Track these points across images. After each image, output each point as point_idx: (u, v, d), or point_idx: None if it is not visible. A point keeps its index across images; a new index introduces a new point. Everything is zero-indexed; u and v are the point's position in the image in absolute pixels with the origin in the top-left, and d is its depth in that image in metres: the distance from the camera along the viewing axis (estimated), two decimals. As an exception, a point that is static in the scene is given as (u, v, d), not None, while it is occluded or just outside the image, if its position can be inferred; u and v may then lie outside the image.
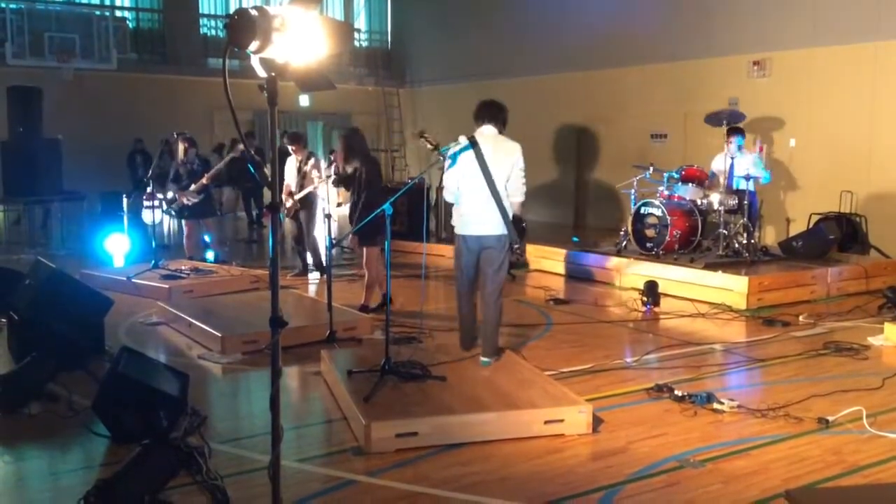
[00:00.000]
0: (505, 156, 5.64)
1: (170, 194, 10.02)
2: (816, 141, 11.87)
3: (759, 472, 4.13)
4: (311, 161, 9.60)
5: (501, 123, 5.74)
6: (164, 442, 4.05)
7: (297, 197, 9.54)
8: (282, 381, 3.00)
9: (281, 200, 9.33)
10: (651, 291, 8.20)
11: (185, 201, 9.93)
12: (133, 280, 8.82)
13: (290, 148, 9.58)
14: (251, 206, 15.23)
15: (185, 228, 10.63)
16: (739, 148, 9.85)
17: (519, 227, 5.67)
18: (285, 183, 9.73)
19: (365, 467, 4.18)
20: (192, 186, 9.86)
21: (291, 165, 9.65)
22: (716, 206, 9.35)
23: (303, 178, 9.50)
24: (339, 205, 10.77)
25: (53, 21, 15.64)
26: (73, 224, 13.41)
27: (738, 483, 4.00)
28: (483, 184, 5.52)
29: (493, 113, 5.69)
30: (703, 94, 13.05)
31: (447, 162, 5.69)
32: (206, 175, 9.87)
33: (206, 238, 10.46)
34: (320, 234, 9.55)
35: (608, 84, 15.08)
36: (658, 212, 9.35)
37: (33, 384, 5.09)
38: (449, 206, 12.49)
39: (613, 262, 9.67)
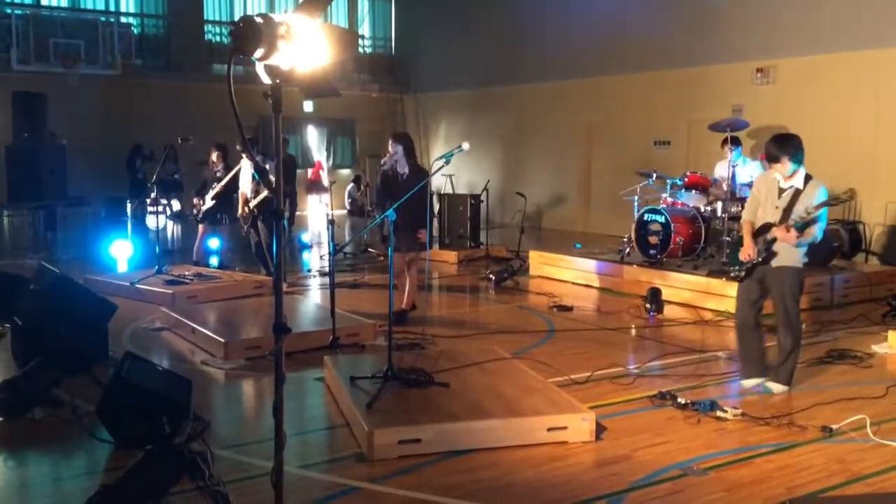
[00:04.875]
0: None
1: (176, 203, 10.15)
2: (820, 148, 11.79)
3: (762, 480, 4.12)
4: (268, 165, 9.56)
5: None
6: (168, 447, 4.05)
7: (252, 204, 9.48)
8: (284, 387, 3.01)
9: (257, 206, 9.38)
10: (654, 298, 8.19)
11: (201, 206, 10.05)
12: (137, 285, 8.84)
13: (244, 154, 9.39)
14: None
15: (199, 231, 10.67)
16: (738, 157, 9.84)
17: None
18: (241, 190, 9.69)
19: (368, 474, 4.18)
20: (210, 193, 9.96)
21: (247, 172, 9.58)
22: (719, 213, 9.35)
23: (258, 184, 9.43)
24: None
25: (58, 27, 15.69)
26: (77, 229, 13.45)
27: (742, 491, 3.99)
28: None
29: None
30: (706, 102, 13.07)
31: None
32: (220, 183, 9.93)
33: (216, 243, 10.49)
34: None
35: (611, 91, 15.10)
36: (661, 218, 9.35)
37: (37, 389, 5.10)
38: (452, 212, 12.51)
39: (616, 268, 9.67)
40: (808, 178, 5.48)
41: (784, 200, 5.46)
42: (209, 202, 10.10)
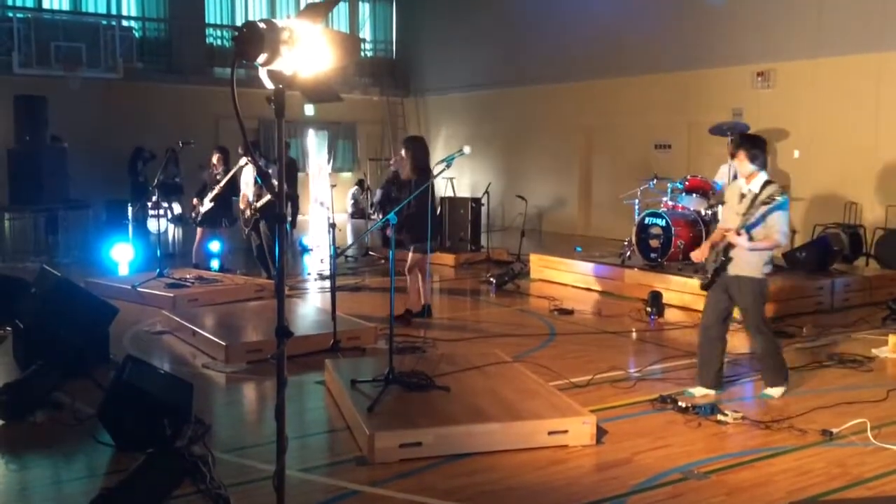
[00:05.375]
0: None
1: (177, 206, 10.16)
2: (821, 152, 11.88)
3: (762, 484, 4.12)
4: (270, 170, 9.59)
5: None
6: (169, 451, 4.06)
7: (256, 206, 9.49)
8: (285, 390, 3.01)
9: (263, 210, 9.39)
10: (655, 302, 8.20)
11: (200, 209, 10.06)
12: (138, 289, 8.84)
13: (245, 158, 9.40)
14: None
15: (197, 235, 10.70)
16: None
17: None
18: (242, 193, 9.70)
19: (368, 477, 4.18)
20: (209, 196, 9.96)
21: (249, 175, 9.61)
22: (720, 217, 9.33)
23: (259, 188, 9.45)
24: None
25: (60, 30, 15.68)
26: (78, 232, 13.47)
27: (742, 495, 4.00)
28: None
29: None
30: (706, 105, 13.08)
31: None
32: (218, 185, 9.94)
33: (217, 246, 10.51)
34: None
35: (612, 94, 15.12)
36: (662, 222, 9.35)
37: (38, 392, 5.11)
38: (453, 215, 12.49)
39: (617, 272, 9.67)
40: (767, 183, 5.38)
41: (743, 206, 5.38)
42: (207, 204, 10.09)
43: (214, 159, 10.28)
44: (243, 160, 9.69)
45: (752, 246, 5.30)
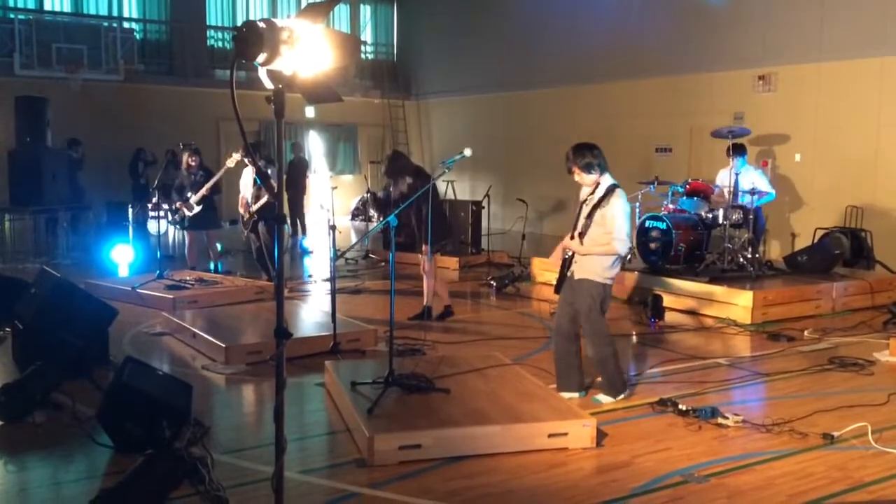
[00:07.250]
0: None
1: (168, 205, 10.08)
2: (822, 156, 11.88)
3: (763, 487, 4.11)
4: (269, 171, 9.56)
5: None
6: (168, 452, 4.05)
7: (253, 209, 9.49)
8: (285, 392, 3.00)
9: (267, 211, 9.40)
10: (655, 305, 8.19)
11: (185, 212, 9.95)
12: (138, 290, 8.84)
13: (245, 160, 9.33)
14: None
15: (186, 239, 10.67)
16: (742, 165, 9.84)
17: None
18: (241, 195, 9.70)
19: (368, 480, 4.17)
20: (193, 198, 9.87)
21: (248, 176, 9.60)
22: (721, 220, 9.34)
23: (258, 189, 9.45)
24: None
25: (62, 32, 15.71)
26: (78, 233, 13.46)
27: (743, 498, 3.98)
28: None
29: None
30: (708, 109, 13.08)
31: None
32: (205, 186, 9.87)
33: (219, 247, 10.48)
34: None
35: (613, 97, 15.12)
36: (663, 225, 9.34)
37: (37, 393, 5.10)
38: (453, 218, 12.47)
39: (618, 275, 9.63)
40: (613, 187, 5.51)
41: (585, 210, 5.58)
42: (196, 208, 9.95)
43: (190, 160, 10.16)
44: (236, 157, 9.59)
45: (585, 250, 5.44)
